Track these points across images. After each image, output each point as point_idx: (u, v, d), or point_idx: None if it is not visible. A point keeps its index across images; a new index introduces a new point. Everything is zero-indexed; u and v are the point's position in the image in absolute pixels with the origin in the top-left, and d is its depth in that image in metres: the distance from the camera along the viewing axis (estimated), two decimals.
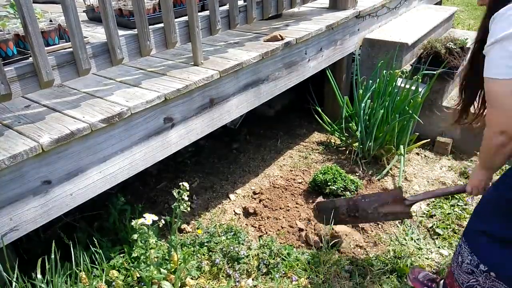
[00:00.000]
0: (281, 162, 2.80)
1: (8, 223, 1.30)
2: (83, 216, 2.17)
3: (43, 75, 1.38)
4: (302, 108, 3.39)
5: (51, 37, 1.98)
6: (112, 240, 1.94)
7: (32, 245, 1.92)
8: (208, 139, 3.10)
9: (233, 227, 2.13)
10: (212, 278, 1.84)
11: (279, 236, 2.10)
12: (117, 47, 1.58)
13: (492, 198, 1.32)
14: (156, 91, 1.64)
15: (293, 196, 2.41)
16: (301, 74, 2.46)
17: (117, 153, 1.55)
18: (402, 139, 2.60)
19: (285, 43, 2.19)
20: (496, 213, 1.28)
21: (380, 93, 2.61)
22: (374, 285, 1.80)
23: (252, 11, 2.17)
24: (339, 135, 2.91)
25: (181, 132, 1.79)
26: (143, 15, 1.63)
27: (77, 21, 1.43)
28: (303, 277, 1.83)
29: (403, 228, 2.13)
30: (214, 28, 1.97)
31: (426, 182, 2.52)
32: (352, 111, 2.84)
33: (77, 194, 1.47)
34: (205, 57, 1.99)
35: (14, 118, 1.47)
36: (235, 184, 2.58)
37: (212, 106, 1.90)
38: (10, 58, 1.72)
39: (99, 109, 1.50)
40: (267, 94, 2.23)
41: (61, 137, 1.33)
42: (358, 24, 2.91)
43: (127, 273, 1.74)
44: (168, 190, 2.54)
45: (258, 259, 1.92)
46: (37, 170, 1.33)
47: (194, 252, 1.95)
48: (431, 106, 2.79)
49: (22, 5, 1.27)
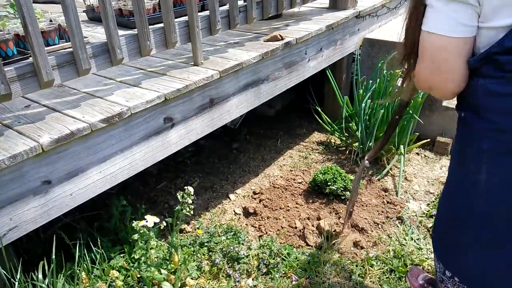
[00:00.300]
0: (281, 162, 2.80)
1: (8, 223, 1.30)
2: (83, 216, 2.17)
3: (43, 75, 1.38)
4: (302, 108, 3.39)
5: (51, 37, 1.98)
6: (112, 240, 1.94)
7: (32, 245, 1.92)
8: (208, 139, 3.10)
9: (233, 227, 2.13)
10: (212, 278, 1.84)
11: (279, 236, 2.10)
12: (117, 47, 1.58)
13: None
14: (156, 91, 1.64)
15: (293, 196, 2.41)
16: (301, 74, 2.46)
17: (117, 153, 1.55)
18: (402, 139, 2.60)
19: (285, 43, 2.19)
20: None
21: (381, 93, 2.61)
22: (374, 285, 1.80)
23: (252, 11, 2.17)
24: (339, 135, 2.91)
25: (181, 132, 1.79)
26: (143, 15, 1.63)
27: (77, 21, 1.43)
28: (303, 277, 1.83)
29: (403, 228, 2.13)
30: (214, 28, 1.97)
31: (426, 182, 2.52)
32: (352, 111, 2.84)
33: (77, 194, 1.47)
34: (205, 57, 1.99)
35: (14, 118, 1.47)
36: (235, 184, 2.58)
37: (212, 106, 1.90)
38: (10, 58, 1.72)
39: (99, 109, 1.50)
40: (267, 94, 2.23)
41: (61, 137, 1.33)
42: (358, 24, 2.91)
43: (127, 273, 1.74)
44: (168, 190, 2.54)
45: (258, 259, 1.92)
46: (37, 170, 1.33)
47: (194, 252, 1.95)
48: (431, 106, 2.79)
49: (22, 5, 1.27)
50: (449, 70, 1.02)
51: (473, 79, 1.03)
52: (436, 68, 1.03)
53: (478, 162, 1.06)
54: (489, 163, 1.04)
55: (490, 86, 0.98)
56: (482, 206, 1.11)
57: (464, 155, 1.14)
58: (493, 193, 1.07)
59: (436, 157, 2.76)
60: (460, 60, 0.99)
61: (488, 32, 0.95)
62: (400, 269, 1.85)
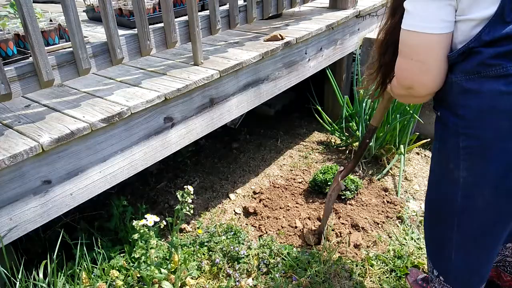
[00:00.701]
0: (281, 162, 2.80)
1: (8, 223, 1.30)
2: (83, 216, 2.17)
3: (43, 75, 1.38)
4: (302, 108, 3.39)
5: (51, 37, 1.98)
6: (112, 240, 1.94)
7: (32, 245, 1.93)
8: (208, 139, 3.10)
9: (233, 226, 2.13)
10: (212, 278, 1.84)
11: (279, 235, 2.10)
12: (117, 46, 1.58)
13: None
14: (156, 91, 1.64)
15: (293, 196, 2.41)
16: (301, 73, 2.46)
17: (117, 152, 1.55)
18: (402, 139, 2.60)
19: (285, 43, 2.19)
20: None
21: None
22: (374, 284, 1.80)
23: (252, 11, 2.17)
24: (339, 134, 2.91)
25: (181, 131, 1.79)
26: (143, 15, 1.63)
27: (77, 21, 1.43)
28: (303, 276, 1.83)
29: (403, 228, 2.13)
30: (214, 27, 1.97)
31: (426, 181, 2.52)
32: (352, 110, 2.84)
33: (77, 194, 1.47)
34: (205, 57, 1.99)
35: (14, 118, 1.47)
36: (235, 184, 2.58)
37: (212, 105, 1.90)
38: (10, 58, 1.73)
39: (99, 109, 1.50)
40: (267, 94, 2.23)
41: (61, 136, 1.33)
42: (358, 23, 2.91)
43: (127, 272, 1.74)
44: (168, 190, 2.54)
45: (258, 259, 1.92)
46: (37, 170, 1.33)
47: (194, 252, 1.95)
48: (431, 106, 2.78)
49: (22, 5, 1.27)
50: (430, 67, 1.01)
51: (448, 77, 1.02)
52: (416, 65, 1.03)
53: (457, 160, 1.07)
54: (466, 160, 1.04)
55: (464, 84, 0.98)
56: (462, 203, 1.12)
57: (442, 154, 1.14)
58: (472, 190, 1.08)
59: None
60: (440, 56, 0.99)
61: (464, 24, 0.94)
62: (400, 269, 1.85)
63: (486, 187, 1.04)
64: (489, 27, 0.89)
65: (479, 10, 0.90)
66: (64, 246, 1.74)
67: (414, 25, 0.98)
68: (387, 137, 2.58)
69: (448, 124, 1.07)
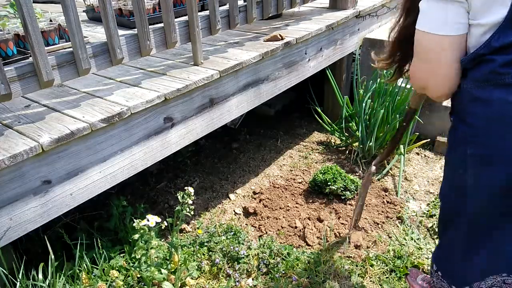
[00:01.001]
0: (281, 162, 2.80)
1: (8, 223, 1.30)
2: (83, 216, 2.17)
3: (43, 75, 1.38)
4: (302, 108, 3.39)
5: (51, 37, 1.98)
6: (112, 240, 1.94)
7: (32, 245, 1.92)
8: (208, 139, 3.10)
9: (233, 227, 2.13)
10: (212, 278, 1.84)
11: (279, 236, 2.10)
12: (117, 47, 1.58)
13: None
14: (156, 91, 1.64)
15: (293, 196, 2.41)
16: (301, 74, 2.46)
17: (117, 153, 1.55)
18: (402, 139, 2.60)
19: (285, 43, 2.19)
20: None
21: (381, 93, 2.61)
22: (374, 285, 1.80)
23: (252, 11, 2.17)
24: (339, 135, 2.91)
25: (181, 132, 1.79)
26: (143, 15, 1.63)
27: (77, 21, 1.42)
28: (303, 277, 1.83)
29: (403, 228, 2.13)
30: (214, 28, 1.97)
31: (426, 182, 2.52)
32: (352, 111, 2.84)
33: (77, 194, 1.47)
34: (205, 57, 1.99)
35: (14, 118, 1.47)
36: (235, 184, 2.58)
37: (212, 106, 1.90)
38: (10, 58, 1.73)
39: (99, 109, 1.50)
40: (267, 94, 2.23)
41: (61, 137, 1.33)
42: (358, 23, 2.91)
43: (127, 273, 1.74)
44: (168, 190, 2.54)
45: (258, 259, 1.92)
46: (37, 170, 1.33)
47: (194, 252, 1.95)
48: (431, 106, 2.79)
49: (22, 5, 1.27)
50: (440, 68, 1.02)
51: (461, 84, 1.03)
52: (428, 66, 1.04)
53: (464, 166, 1.08)
54: (473, 167, 1.05)
55: (474, 91, 0.99)
56: (468, 208, 1.13)
57: (452, 159, 1.16)
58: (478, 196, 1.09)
59: (436, 157, 2.76)
60: (453, 58, 0.99)
61: (476, 29, 0.94)
62: (400, 269, 1.85)
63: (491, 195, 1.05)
64: (498, 33, 0.89)
65: (489, 15, 0.90)
66: (65, 246, 1.74)
67: (427, 26, 0.98)
68: (387, 137, 2.58)
69: (457, 131, 1.08)
